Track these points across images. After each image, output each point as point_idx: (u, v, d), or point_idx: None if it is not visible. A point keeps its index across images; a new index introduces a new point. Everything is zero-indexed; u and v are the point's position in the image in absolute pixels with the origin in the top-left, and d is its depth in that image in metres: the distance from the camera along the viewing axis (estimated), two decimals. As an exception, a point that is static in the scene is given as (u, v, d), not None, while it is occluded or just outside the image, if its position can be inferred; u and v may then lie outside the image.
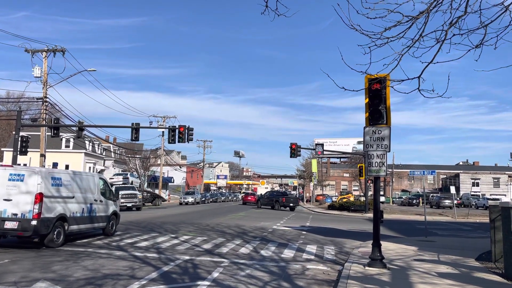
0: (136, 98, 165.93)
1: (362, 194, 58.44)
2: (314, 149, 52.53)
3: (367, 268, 9.83)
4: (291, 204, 43.10)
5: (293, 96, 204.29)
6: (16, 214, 11.75)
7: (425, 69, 5.32)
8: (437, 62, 5.23)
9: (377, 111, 10.25)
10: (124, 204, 33.19)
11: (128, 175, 49.53)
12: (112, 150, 70.46)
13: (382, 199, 59.46)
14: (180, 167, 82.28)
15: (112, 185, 38.43)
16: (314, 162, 70.40)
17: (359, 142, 73.94)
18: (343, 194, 73.63)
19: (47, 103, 30.54)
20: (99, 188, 15.31)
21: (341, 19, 5.00)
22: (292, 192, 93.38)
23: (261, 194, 58.58)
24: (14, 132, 30.93)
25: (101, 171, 58.76)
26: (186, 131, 28.17)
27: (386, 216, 32.77)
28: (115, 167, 70.48)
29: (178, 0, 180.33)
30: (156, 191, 54.54)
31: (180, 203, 52.58)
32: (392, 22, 5.06)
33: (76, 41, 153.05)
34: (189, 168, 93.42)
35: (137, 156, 61.16)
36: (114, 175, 45.62)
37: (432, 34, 5.07)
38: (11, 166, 13.33)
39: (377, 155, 10.29)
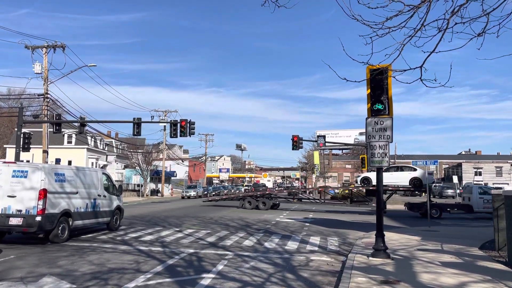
0: (138, 93, 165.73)
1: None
2: (316, 141, 52.58)
3: (370, 258, 9.86)
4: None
5: (295, 89, 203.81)
6: (20, 210, 11.81)
7: (427, 59, 5.29)
8: (439, 52, 5.20)
9: (379, 102, 10.22)
10: None
11: None
12: (114, 145, 70.53)
13: (384, 189, 59.42)
14: (182, 161, 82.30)
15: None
16: (316, 154, 70.41)
17: (361, 133, 73.64)
18: (345, 185, 73.69)
19: (48, 99, 30.52)
20: (102, 183, 15.36)
21: (342, 9, 4.98)
22: (295, 184, 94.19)
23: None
24: (16, 129, 30.94)
25: (104, 167, 58.86)
26: (188, 125, 28.11)
27: (389, 206, 32.86)
28: (118, 162, 70.60)
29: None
30: (159, 186, 54.52)
31: (182, 197, 52.70)
32: (393, 11, 5.03)
33: (77, 37, 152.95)
34: (191, 162, 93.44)
35: (139, 151, 61.21)
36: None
37: (434, 23, 5.03)
38: (14, 162, 13.34)
39: (379, 145, 10.29)
